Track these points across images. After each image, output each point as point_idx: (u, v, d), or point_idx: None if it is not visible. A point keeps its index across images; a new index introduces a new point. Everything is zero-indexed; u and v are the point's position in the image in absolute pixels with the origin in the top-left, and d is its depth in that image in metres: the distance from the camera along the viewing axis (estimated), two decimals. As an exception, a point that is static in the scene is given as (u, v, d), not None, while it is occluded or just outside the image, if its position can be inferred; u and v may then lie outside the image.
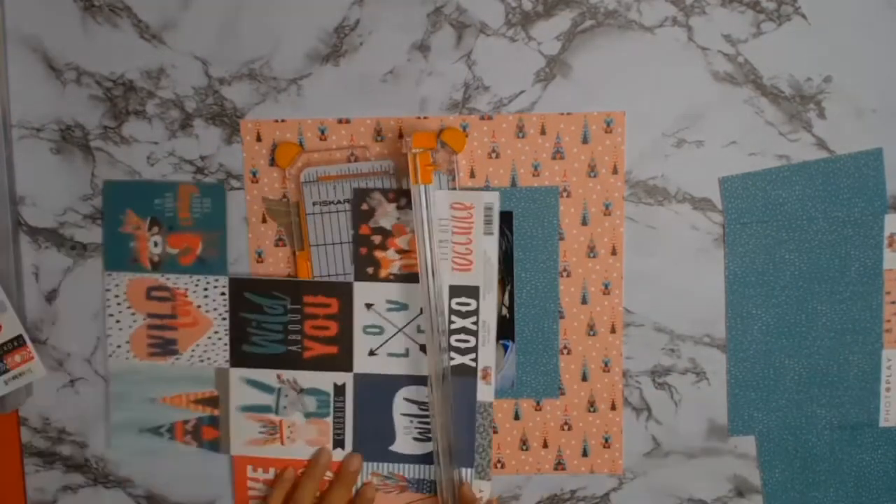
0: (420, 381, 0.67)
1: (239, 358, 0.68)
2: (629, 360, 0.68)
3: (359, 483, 0.68)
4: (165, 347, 0.68)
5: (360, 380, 0.67)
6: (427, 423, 0.67)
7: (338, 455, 0.68)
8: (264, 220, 0.68)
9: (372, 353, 0.67)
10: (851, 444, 0.68)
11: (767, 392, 0.68)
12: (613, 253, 0.67)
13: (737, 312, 0.67)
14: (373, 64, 0.66)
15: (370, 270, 0.66)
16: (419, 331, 0.67)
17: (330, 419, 0.68)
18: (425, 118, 0.66)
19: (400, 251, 0.66)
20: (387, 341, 0.67)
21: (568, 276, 0.67)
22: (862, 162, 0.66)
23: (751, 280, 0.67)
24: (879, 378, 0.67)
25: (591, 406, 0.69)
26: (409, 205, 0.65)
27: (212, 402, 0.68)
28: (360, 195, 0.65)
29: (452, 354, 0.66)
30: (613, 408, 0.69)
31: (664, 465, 0.70)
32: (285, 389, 0.68)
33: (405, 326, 0.67)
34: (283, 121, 0.67)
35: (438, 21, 0.65)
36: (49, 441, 0.70)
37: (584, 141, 0.66)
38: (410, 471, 0.68)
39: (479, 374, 0.67)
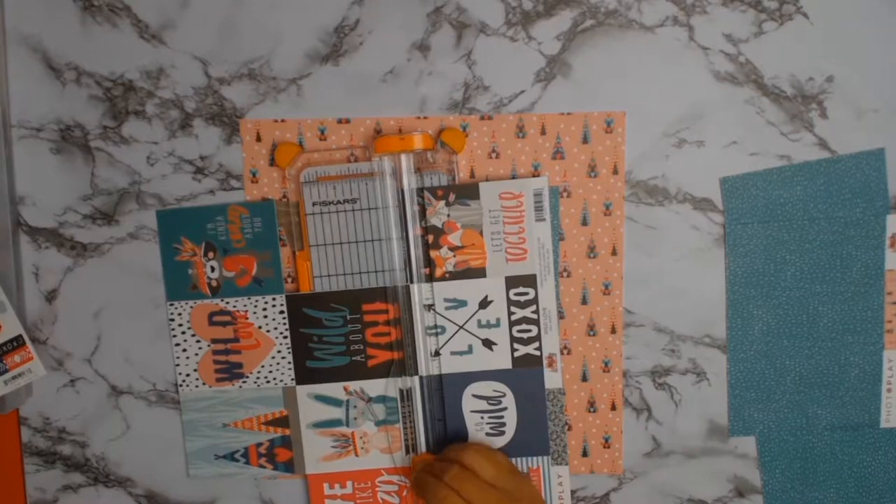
0: (486, 376, 0.67)
1: (304, 374, 0.67)
2: (629, 360, 0.68)
3: None
4: (232, 371, 0.68)
5: (426, 382, 0.67)
6: (499, 418, 0.67)
7: (411, 459, 0.68)
8: (264, 220, 0.68)
9: (436, 353, 0.66)
10: (852, 445, 0.68)
11: (768, 392, 0.68)
12: (614, 253, 0.67)
13: (737, 313, 0.67)
14: (373, 64, 0.66)
15: (426, 271, 0.66)
16: (479, 325, 0.66)
17: (401, 425, 0.67)
18: (425, 118, 0.66)
19: (453, 248, 0.65)
20: (449, 340, 0.66)
21: (568, 276, 0.67)
22: (864, 162, 0.65)
23: (751, 280, 0.67)
24: (880, 379, 0.67)
25: (591, 406, 0.69)
26: (457, 200, 0.65)
27: (282, 422, 0.68)
28: (411, 196, 0.65)
29: (516, 346, 0.66)
30: (613, 408, 0.69)
31: (664, 466, 0.70)
32: (353, 400, 0.67)
33: (465, 323, 0.66)
34: (282, 121, 0.66)
35: (438, 21, 0.65)
36: (49, 441, 0.70)
37: (585, 141, 0.66)
38: None
39: (545, 361, 0.67)
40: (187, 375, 0.68)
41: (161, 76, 0.66)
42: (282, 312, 0.67)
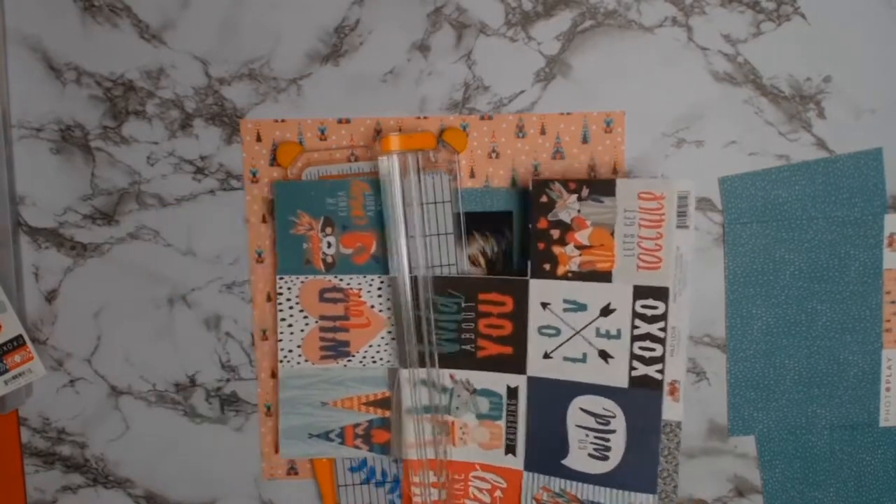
0: (597, 390, 0.62)
1: (411, 357, 0.65)
2: (629, 359, 0.68)
3: (527, 499, 0.66)
4: (337, 350, 0.66)
5: (534, 383, 0.63)
6: (605, 440, 0.62)
7: (509, 461, 0.65)
8: (264, 220, 0.68)
9: (547, 355, 0.63)
10: (851, 444, 0.68)
11: (767, 392, 0.68)
12: (613, 253, 0.67)
13: (737, 312, 0.67)
14: (373, 64, 0.66)
15: (547, 267, 0.62)
16: (598, 334, 0.62)
17: (502, 422, 0.65)
18: (425, 118, 0.66)
19: (580, 247, 0.61)
20: (563, 344, 0.62)
21: (568, 275, 0.67)
22: (862, 162, 0.66)
23: (751, 280, 0.67)
24: (879, 378, 0.67)
25: (592, 406, 0.69)
26: (591, 196, 0.61)
27: (384, 403, 0.66)
28: (539, 187, 0.62)
29: (635, 364, 0.61)
30: (614, 408, 0.69)
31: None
32: (458, 389, 0.65)
33: (583, 329, 0.62)
34: (283, 121, 0.67)
35: (438, 21, 0.65)
36: (49, 441, 0.70)
37: (584, 141, 0.66)
38: (585, 491, 0.63)
39: (667, 388, 0.62)
40: (290, 352, 0.66)
41: (161, 76, 0.66)
42: None
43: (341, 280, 0.66)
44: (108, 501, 0.71)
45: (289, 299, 0.66)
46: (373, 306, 0.66)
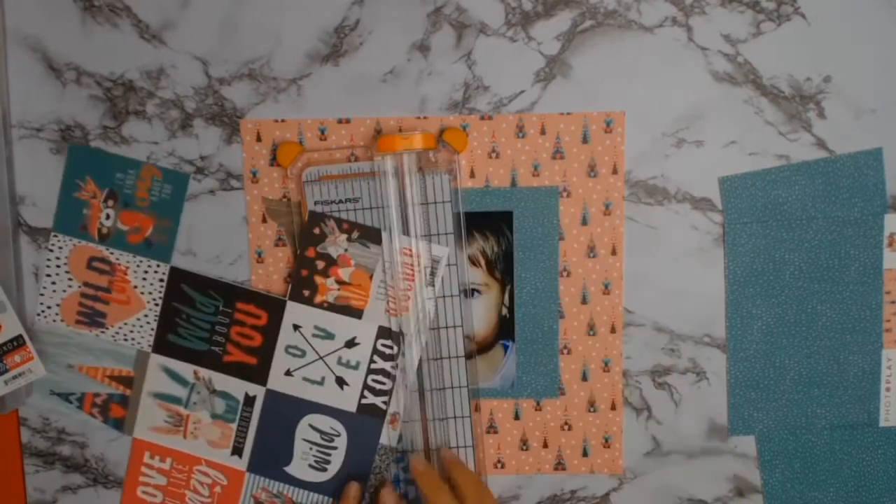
0: (328, 411, 0.68)
1: (162, 345, 0.68)
2: (629, 359, 0.68)
3: (246, 497, 0.69)
4: (93, 319, 0.68)
5: (271, 396, 0.68)
6: (326, 455, 0.68)
7: (234, 461, 0.69)
8: (264, 220, 0.68)
9: (288, 373, 0.68)
10: (851, 444, 0.68)
11: (767, 392, 0.68)
12: (613, 253, 0.67)
13: (737, 312, 0.67)
14: (373, 64, 0.66)
15: (306, 293, 0.67)
16: (339, 362, 0.67)
17: (234, 425, 0.68)
18: (425, 118, 0.66)
19: (340, 281, 0.66)
20: (305, 365, 0.67)
21: (568, 275, 0.67)
22: (862, 162, 0.66)
23: (751, 280, 0.67)
24: (879, 378, 0.67)
25: (591, 406, 0.69)
26: (360, 239, 0.66)
27: (126, 381, 0.69)
28: (315, 218, 0.66)
29: (366, 393, 0.67)
30: (613, 408, 0.69)
31: (664, 465, 0.70)
32: (199, 386, 0.68)
33: (327, 356, 0.67)
34: (283, 121, 0.67)
35: (438, 21, 0.65)
36: (49, 441, 0.70)
37: (584, 141, 0.66)
38: (299, 495, 0.69)
39: (388, 417, 0.68)
40: (48, 308, 0.68)
41: (161, 76, 0.66)
42: (161, 280, 0.67)
43: (112, 253, 0.68)
44: (107, 501, 0.71)
45: (58, 258, 0.68)
46: (136, 287, 0.68)
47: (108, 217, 0.67)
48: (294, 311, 0.67)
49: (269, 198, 0.67)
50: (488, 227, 0.67)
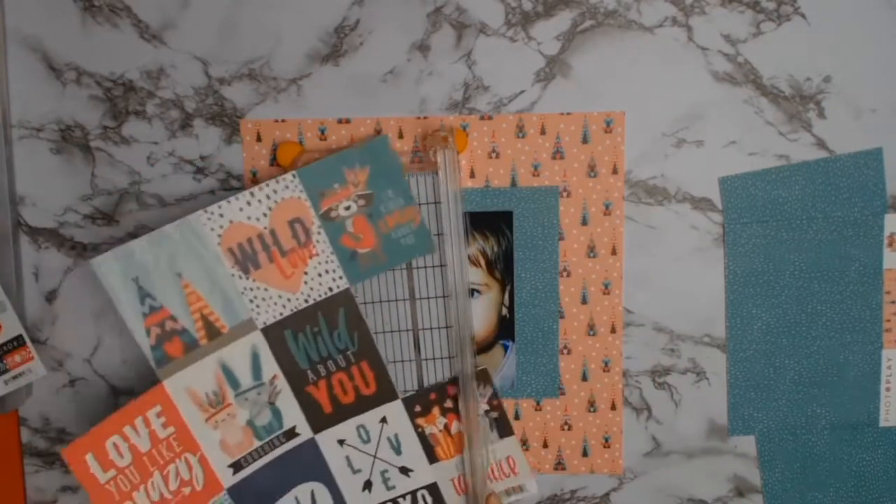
0: (337, 496, 0.68)
1: (273, 331, 0.65)
2: (629, 360, 0.68)
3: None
4: (248, 257, 0.64)
5: (309, 445, 0.67)
6: None
7: (224, 474, 0.66)
8: (264, 220, 0.68)
9: (342, 443, 0.67)
10: (851, 444, 0.68)
11: (767, 392, 0.68)
12: (613, 253, 0.67)
13: (737, 312, 0.67)
14: (373, 64, 0.66)
15: (418, 408, 0.68)
16: (382, 474, 0.68)
17: (257, 443, 0.66)
18: (425, 118, 0.66)
19: (446, 427, 0.68)
20: (358, 450, 0.67)
21: (568, 276, 0.67)
22: (861, 162, 0.66)
23: (751, 280, 0.67)
24: (879, 378, 0.67)
25: (591, 406, 0.69)
26: None
27: (213, 330, 0.64)
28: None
29: None
30: (613, 408, 0.69)
31: (664, 465, 0.70)
32: (265, 389, 0.66)
33: (380, 461, 0.68)
34: (283, 121, 0.67)
35: (438, 21, 0.65)
36: (49, 441, 0.70)
37: (584, 141, 0.66)
38: None
39: None
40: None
41: (161, 76, 0.66)
42: (330, 289, 0.65)
43: (319, 232, 0.65)
44: (108, 501, 0.71)
45: (282, 197, 0.64)
46: (307, 272, 0.65)
47: (347, 208, 0.64)
48: (394, 410, 0.67)
49: (269, 198, 0.67)
50: (488, 227, 0.67)
